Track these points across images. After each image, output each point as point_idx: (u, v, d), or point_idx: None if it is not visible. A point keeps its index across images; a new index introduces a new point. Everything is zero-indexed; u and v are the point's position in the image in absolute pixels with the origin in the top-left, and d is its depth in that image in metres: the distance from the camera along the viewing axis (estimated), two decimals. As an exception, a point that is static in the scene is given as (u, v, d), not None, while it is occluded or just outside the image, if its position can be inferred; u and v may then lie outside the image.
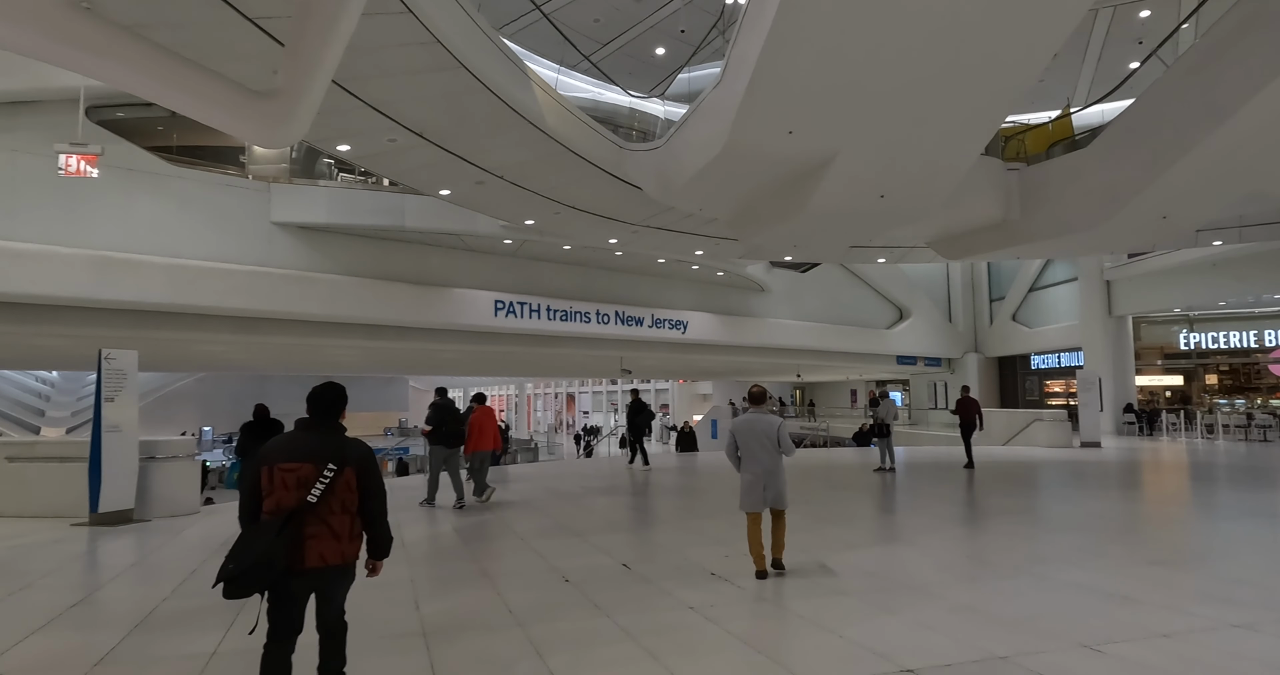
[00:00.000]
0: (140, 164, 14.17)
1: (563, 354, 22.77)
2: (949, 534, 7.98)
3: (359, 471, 3.39)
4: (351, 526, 3.38)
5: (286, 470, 3.30)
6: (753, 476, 6.17)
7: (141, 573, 6.73)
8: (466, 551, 7.26)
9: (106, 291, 13.27)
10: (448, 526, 8.62)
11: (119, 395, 9.33)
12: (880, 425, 14.42)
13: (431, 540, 7.92)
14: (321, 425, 3.49)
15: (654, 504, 10.48)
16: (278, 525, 3.20)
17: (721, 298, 25.01)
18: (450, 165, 11.70)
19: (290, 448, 3.38)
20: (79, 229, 13.33)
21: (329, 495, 3.29)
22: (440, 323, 18.10)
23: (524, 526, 8.53)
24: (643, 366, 29.17)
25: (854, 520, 9.02)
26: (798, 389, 49.03)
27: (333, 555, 3.30)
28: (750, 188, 11.97)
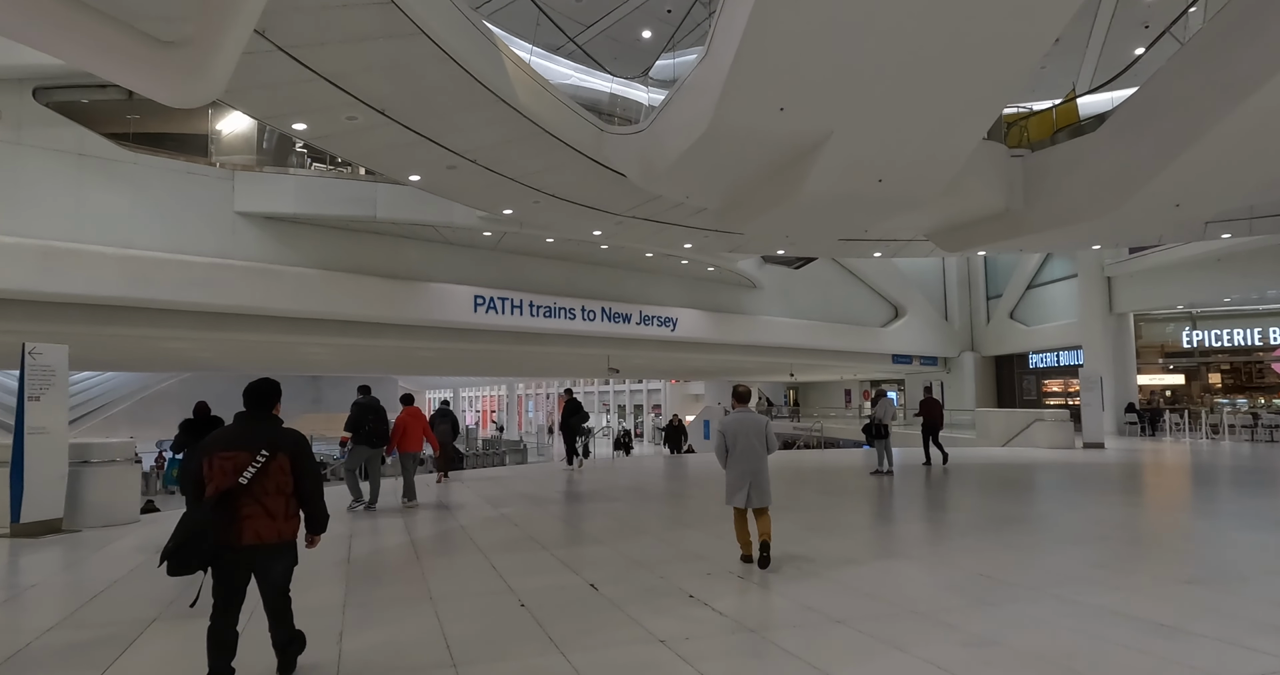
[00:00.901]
0: (91, 149, 13.32)
1: (547, 352, 21.97)
2: (955, 546, 7.22)
3: (292, 456, 3.68)
4: (287, 506, 3.65)
5: (224, 458, 3.59)
6: (739, 473, 6.39)
7: (40, 595, 5.91)
8: (416, 569, 6.45)
9: (52, 284, 12.41)
10: (403, 538, 7.81)
11: (46, 394, 8.49)
12: (878, 426, 13.68)
13: (380, 554, 7.11)
14: (256, 416, 3.80)
15: (636, 511, 9.70)
16: (210, 504, 3.46)
17: (712, 294, 24.24)
18: (418, 147, 10.89)
19: (227, 438, 3.69)
20: (22, 218, 12.47)
21: (262, 477, 3.57)
22: (416, 319, 17.27)
23: (488, 538, 7.73)
24: (631, 365, 28.38)
25: (850, 530, 8.25)
26: (791, 389, 48.30)
27: (268, 533, 3.58)
28: (739, 172, 11.21)
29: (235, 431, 3.72)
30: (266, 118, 9.69)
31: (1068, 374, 29.45)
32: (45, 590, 6.05)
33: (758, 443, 6.38)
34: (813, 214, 12.44)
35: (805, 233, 14.73)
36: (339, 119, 9.77)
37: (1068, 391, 29.69)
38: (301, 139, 10.65)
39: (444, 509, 9.97)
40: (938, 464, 14.91)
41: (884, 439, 13.67)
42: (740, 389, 6.71)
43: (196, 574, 3.49)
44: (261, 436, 3.66)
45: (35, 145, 12.80)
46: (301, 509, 3.77)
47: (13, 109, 12.67)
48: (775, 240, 16.75)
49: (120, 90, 14.31)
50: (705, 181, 11.85)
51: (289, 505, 3.67)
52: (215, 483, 3.56)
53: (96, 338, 15.39)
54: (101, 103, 14.08)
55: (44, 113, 13.00)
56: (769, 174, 11.14)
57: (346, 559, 6.72)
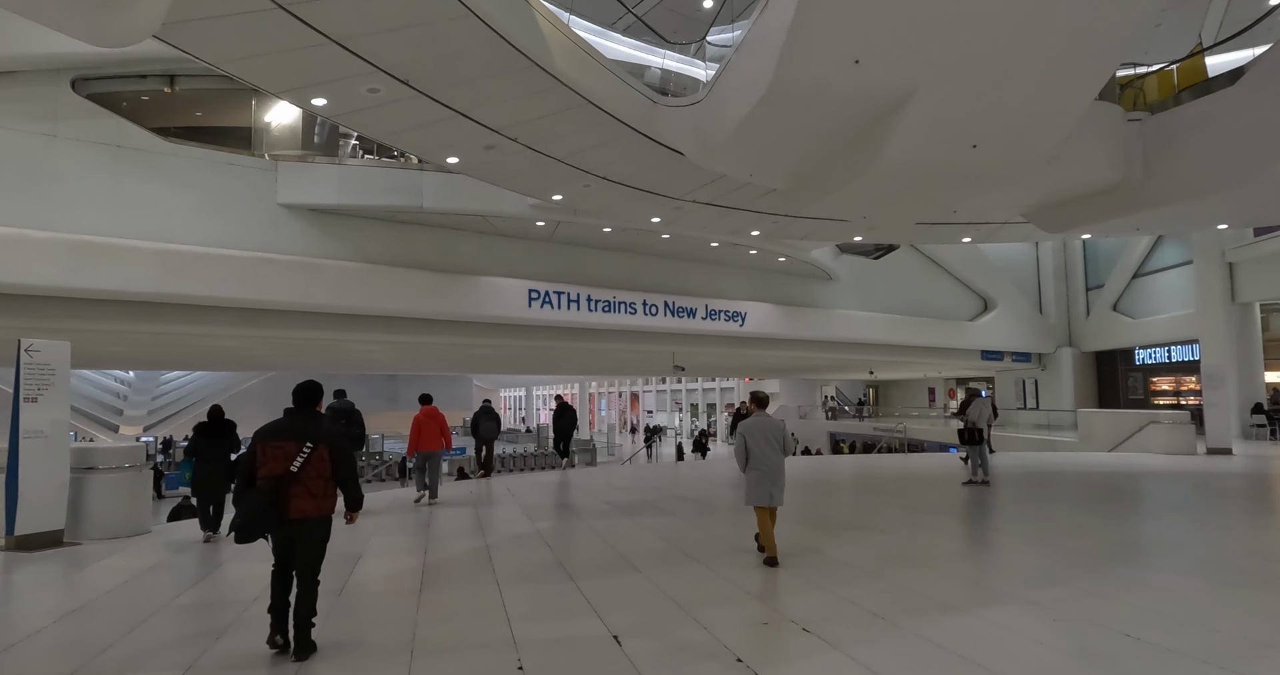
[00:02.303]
0: (130, 141, 12.88)
1: (607, 349, 20.92)
2: (1082, 587, 5.74)
3: (330, 448, 4.40)
4: (325, 488, 4.38)
5: (275, 447, 4.33)
6: (760, 474, 6.63)
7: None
8: (408, 606, 5.39)
9: (85, 279, 11.99)
10: (414, 561, 6.79)
11: (45, 394, 7.83)
12: (971, 430, 12.07)
13: (379, 584, 6.09)
14: (302, 412, 4.52)
15: (690, 530, 8.47)
16: (269, 488, 4.23)
17: (783, 287, 22.73)
18: (449, 124, 9.92)
19: (278, 430, 4.41)
20: (58, 212, 12.10)
21: (307, 465, 4.29)
22: (467, 314, 16.42)
23: (509, 563, 6.64)
24: (697, 362, 27.10)
25: (942, 560, 6.83)
26: (870, 387, 46.12)
27: (310, 509, 4.32)
28: (807, 142, 9.86)
29: (285, 425, 4.47)
30: (281, 91, 8.84)
31: (1180, 371, 26.76)
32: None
33: (776, 444, 6.67)
34: (893, 190, 10.98)
35: (884, 213, 13.20)
36: (359, 92, 8.86)
37: (1180, 390, 26.98)
38: (324, 116, 9.82)
39: (474, 521, 8.97)
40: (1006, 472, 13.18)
41: (978, 445, 12.06)
42: (759, 395, 7.08)
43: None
44: (307, 430, 4.41)
45: (72, 138, 12.43)
46: (340, 490, 4.54)
47: (50, 100, 12.30)
48: (850, 226, 15.24)
49: (160, 81, 13.93)
50: (769, 155, 10.55)
51: (327, 487, 4.42)
52: (268, 468, 4.31)
53: (136, 335, 15.09)
54: (141, 93, 13.65)
55: (82, 104, 12.62)
56: (841, 143, 9.77)
57: (339, 590, 5.72)
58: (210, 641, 4.63)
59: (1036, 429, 27.00)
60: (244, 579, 6.24)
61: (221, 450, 8.34)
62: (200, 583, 6.16)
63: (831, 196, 11.58)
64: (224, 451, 8.36)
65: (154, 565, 6.78)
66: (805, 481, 13.34)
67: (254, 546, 6.62)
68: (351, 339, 16.29)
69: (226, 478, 8.23)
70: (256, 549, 6.55)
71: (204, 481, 8.27)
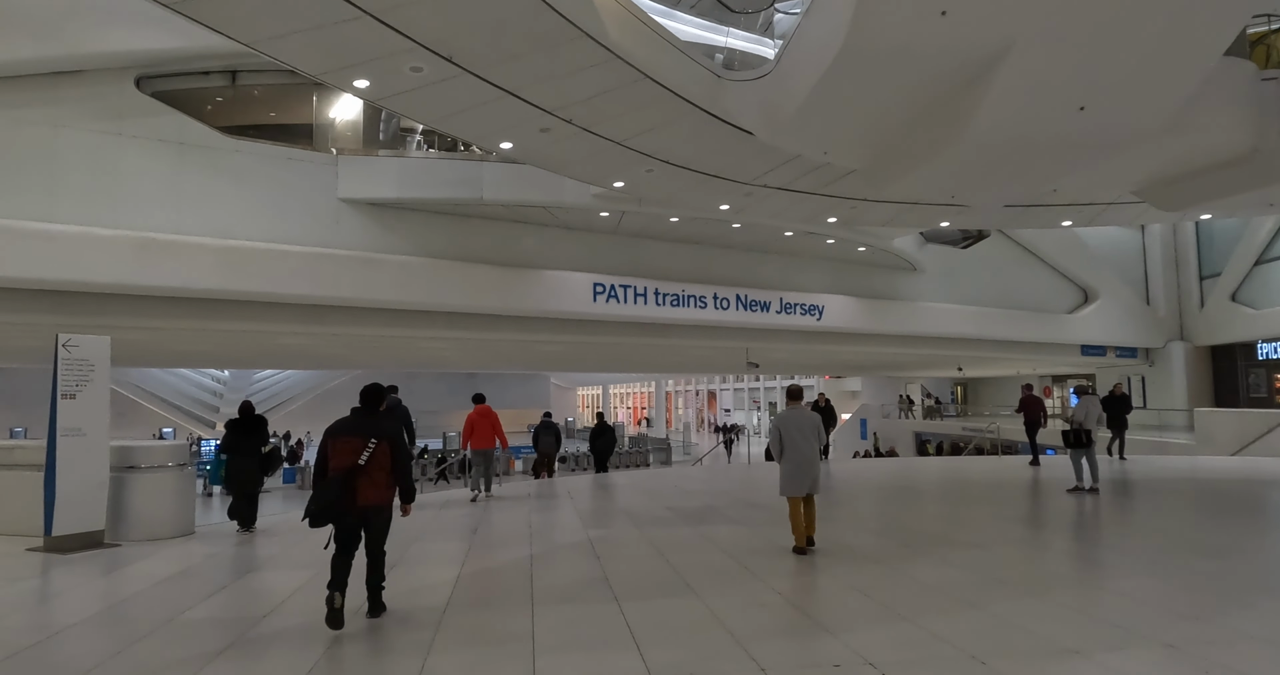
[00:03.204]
0: (192, 138, 12.85)
1: (676, 345, 20.14)
2: (1229, 626, 4.70)
3: (391, 444, 4.94)
4: (386, 480, 4.94)
5: (344, 442, 4.88)
6: (794, 465, 6.81)
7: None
8: (422, 635, 4.79)
9: (148, 277, 11.97)
10: (449, 573, 6.22)
11: (83, 390, 7.62)
12: (1078, 431, 10.84)
13: (396, 602, 5.52)
14: (367, 411, 5.09)
15: (755, 542, 7.67)
16: (341, 479, 4.75)
17: (864, 278, 21.50)
18: (500, 106, 9.36)
19: (346, 427, 4.97)
20: (122, 210, 12.13)
21: (371, 459, 4.82)
22: (530, 309, 15.94)
23: (549, 580, 6.00)
24: (772, 359, 26.04)
25: (1051, 586, 5.84)
26: (958, 385, 43.94)
27: (375, 498, 4.87)
28: (887, 111, 8.91)
29: (352, 423, 4.96)
30: (321, 73, 8.43)
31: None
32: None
33: (810, 436, 6.87)
34: (985, 165, 9.91)
35: (974, 193, 12.04)
36: (402, 71, 8.37)
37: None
38: (369, 100, 9.41)
39: (524, 526, 8.38)
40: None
41: (1086, 447, 10.83)
42: (793, 388, 7.35)
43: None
44: (371, 427, 4.91)
45: (136, 135, 12.45)
46: (396, 483, 4.99)
47: (115, 99, 12.35)
48: (936, 210, 14.07)
49: (223, 78, 13.90)
50: (845, 128, 9.64)
51: (387, 479, 4.90)
52: (338, 460, 4.80)
53: (203, 333, 15.17)
54: (204, 91, 13.65)
55: (146, 102, 12.64)
56: (926, 111, 8.78)
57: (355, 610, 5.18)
58: (194, 669, 4.12)
59: (1144, 430, 24.90)
60: (263, 590, 5.80)
61: (254, 445, 8.45)
62: (216, 594, 5.73)
63: (915, 175, 10.59)
64: (256, 446, 8.47)
65: (179, 572, 6.42)
66: (886, 486, 12.32)
67: (287, 555, 6.27)
68: (414, 336, 16.03)
69: (260, 471, 8.47)
70: (289, 557, 6.19)
71: (238, 476, 8.35)
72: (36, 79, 11.81)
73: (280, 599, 5.52)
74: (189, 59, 12.99)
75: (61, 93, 11.99)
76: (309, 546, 7.58)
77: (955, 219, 15.50)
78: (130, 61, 12.46)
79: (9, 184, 11.51)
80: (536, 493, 11.75)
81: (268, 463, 8.65)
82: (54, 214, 11.65)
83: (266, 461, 8.62)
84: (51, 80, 11.93)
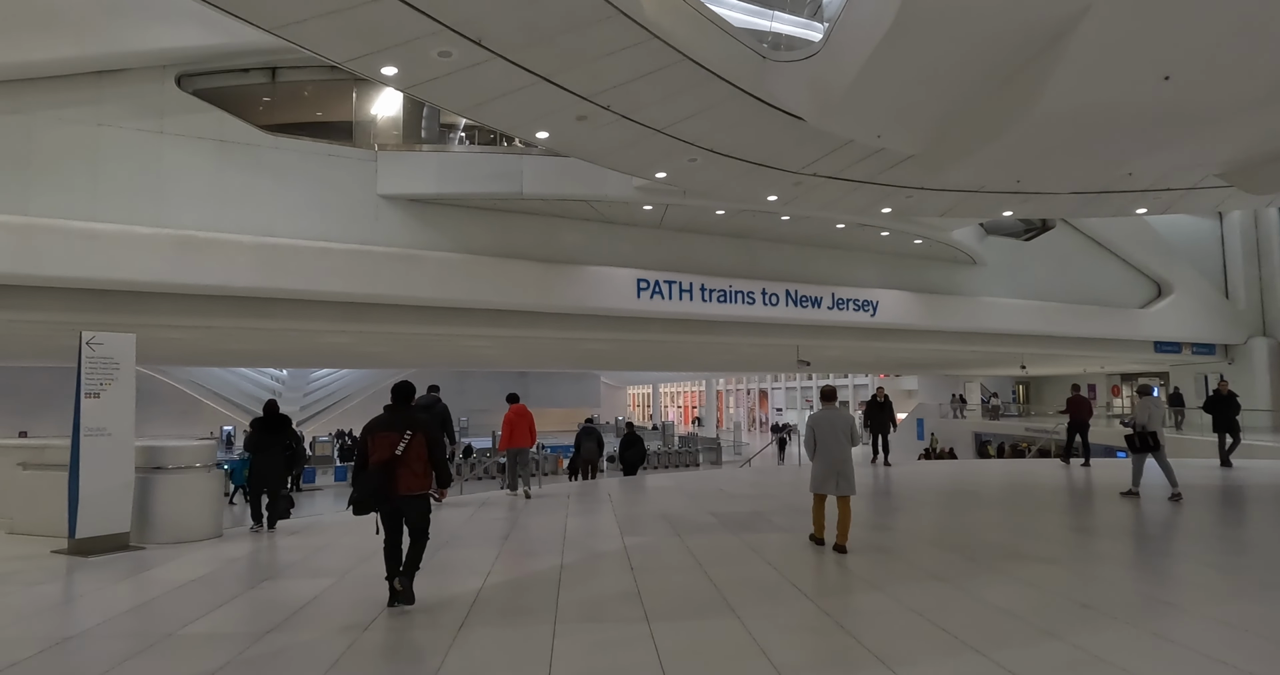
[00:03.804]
0: (232, 135, 12.78)
1: (724, 343, 19.56)
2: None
3: (425, 436, 5.27)
4: (424, 469, 5.26)
5: (382, 437, 5.20)
6: (826, 465, 6.92)
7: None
8: (431, 655, 4.37)
9: (188, 275, 11.93)
10: (471, 584, 5.80)
11: (108, 389, 7.43)
12: (1142, 433, 10.01)
13: (412, 616, 5.11)
14: (399, 408, 5.42)
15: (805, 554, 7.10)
16: (380, 470, 5.08)
17: (920, 272, 20.61)
18: (533, 92, 8.97)
19: (383, 423, 5.29)
20: (163, 207, 12.11)
21: (408, 450, 5.14)
22: (572, 306, 15.57)
23: (575, 594, 5.54)
24: (824, 357, 25.25)
25: (1142, 612, 5.16)
26: (1020, 384, 42.34)
27: (413, 486, 5.19)
28: (945, 86, 8.25)
29: (387, 419, 5.29)
30: (347, 61, 8.13)
31: None
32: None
33: (844, 437, 6.95)
34: (1054, 145, 9.16)
35: (1042, 178, 11.26)
36: (430, 56, 8.02)
37: None
38: (398, 88, 9.09)
39: (559, 532, 7.95)
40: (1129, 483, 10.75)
41: (1154, 451, 10.01)
42: (826, 389, 7.46)
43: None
44: (405, 421, 5.25)
45: (177, 133, 12.43)
46: (433, 471, 5.32)
47: (156, 97, 12.34)
48: (998, 199, 13.24)
49: (263, 74, 13.82)
50: (899, 108, 8.99)
51: (425, 468, 5.25)
52: (377, 454, 5.14)
53: (240, 331, 15.15)
54: (244, 88, 13.58)
55: (186, 100, 12.62)
56: (988, 85, 8.10)
57: (365, 625, 4.79)
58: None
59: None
60: (275, 602, 5.46)
61: (278, 443, 8.46)
62: (226, 604, 5.41)
63: (977, 158, 9.88)
64: (280, 444, 8.48)
65: (196, 578, 6.14)
66: (944, 490, 11.59)
67: (308, 561, 6.56)
68: (454, 334, 15.80)
69: (285, 469, 8.50)
70: (310, 563, 6.47)
71: (262, 473, 8.35)
72: (80, 78, 11.87)
73: (291, 609, 5.18)
74: (228, 56, 12.94)
75: (104, 92, 12.01)
76: (333, 551, 7.28)
77: (1019, 207, 14.60)
78: (170, 59, 12.45)
79: (54, 183, 11.57)
80: (577, 494, 11.35)
81: (292, 461, 8.64)
82: (97, 213, 11.67)
83: (293, 458, 8.61)
84: (95, 79, 11.97)
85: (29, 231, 11.05)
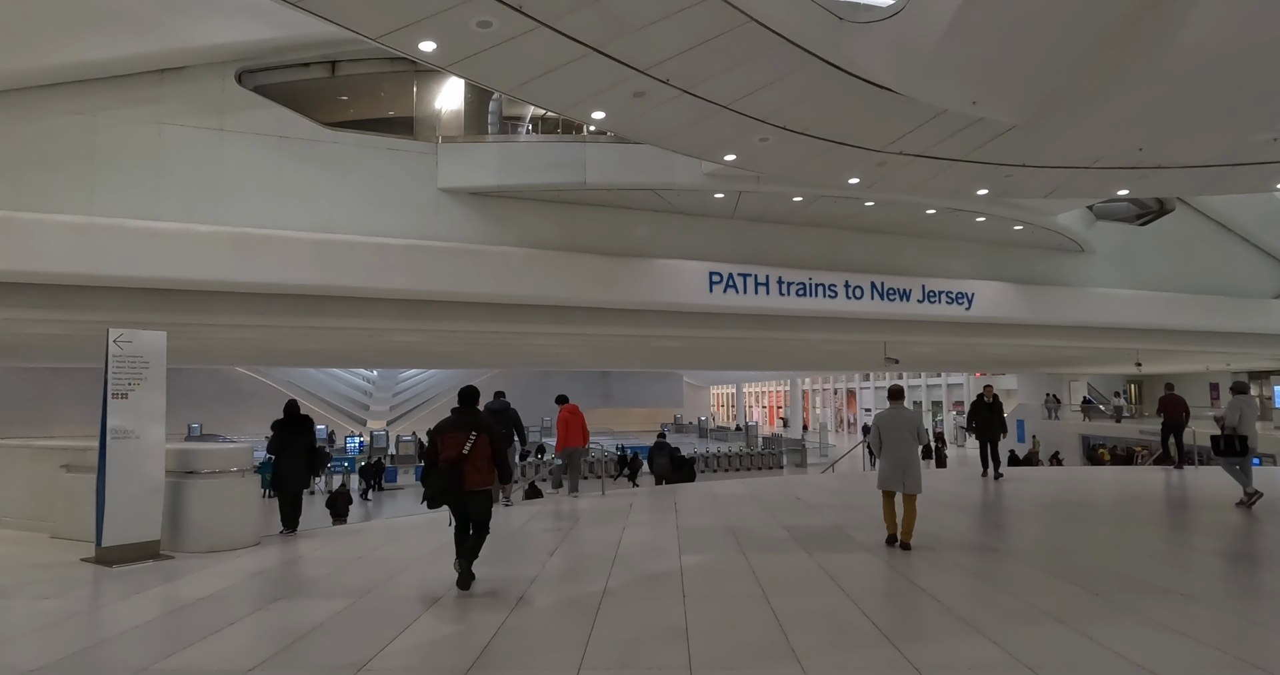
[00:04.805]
0: (292, 130, 12.55)
1: (804, 340, 18.43)
2: None
3: (489, 436, 5.84)
4: (487, 466, 5.83)
5: (450, 437, 5.79)
6: (892, 463, 7.19)
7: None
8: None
9: (245, 273, 11.70)
10: (488, 619, 5.07)
11: (136, 390, 7.06)
12: (1230, 437, 8.88)
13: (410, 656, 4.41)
14: (465, 409, 6.03)
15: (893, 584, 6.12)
16: (448, 468, 5.67)
17: (1021, 262, 18.94)
18: (584, 65, 8.22)
19: (451, 425, 5.89)
20: (223, 205, 11.95)
21: (474, 449, 5.71)
22: (640, 302, 14.77)
23: (613, 631, 4.74)
24: (914, 355, 23.67)
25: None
26: (1131, 383, 39.29)
27: (479, 482, 5.78)
28: (1053, 35, 7.08)
29: (455, 420, 5.95)
30: (381, 36, 7.56)
31: None
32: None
33: (909, 436, 7.14)
34: (1189, 101, 7.83)
35: (1170, 145, 9.83)
36: (469, 27, 7.36)
37: None
38: (439, 66, 8.47)
39: (610, 548, 7.17)
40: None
41: (1241, 456, 8.78)
42: (894, 388, 7.73)
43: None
44: (470, 423, 5.88)
45: (237, 130, 12.26)
46: (495, 468, 5.92)
47: (216, 95, 12.20)
48: (1113, 175, 11.73)
49: (323, 69, 13.59)
50: (999, 67, 7.86)
51: (488, 465, 5.86)
52: (446, 453, 5.75)
53: (299, 330, 14.97)
54: (304, 83, 13.36)
55: (247, 97, 12.45)
56: (1106, 32, 6.89)
57: (359, 666, 4.11)
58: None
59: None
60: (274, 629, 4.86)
61: (300, 443, 8.18)
62: (218, 633, 4.84)
63: (1090, 124, 8.67)
64: (302, 444, 8.20)
65: (204, 597, 5.63)
66: (1051, 503, 10.28)
67: (332, 578, 6.27)
68: (516, 331, 15.22)
69: (308, 469, 8.27)
70: (333, 581, 6.17)
71: (286, 474, 8.09)
72: (143, 77, 11.80)
73: (287, 640, 4.57)
74: (287, 49, 12.72)
75: (166, 90, 11.93)
76: (364, 565, 6.72)
77: (1137, 185, 12.98)
78: (229, 55, 12.28)
79: (118, 183, 11.53)
80: (641, 501, 10.57)
81: (315, 462, 8.32)
82: (158, 211, 11.58)
83: (315, 459, 8.30)
84: (157, 78, 11.89)
85: (90, 231, 11.01)
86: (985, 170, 11.60)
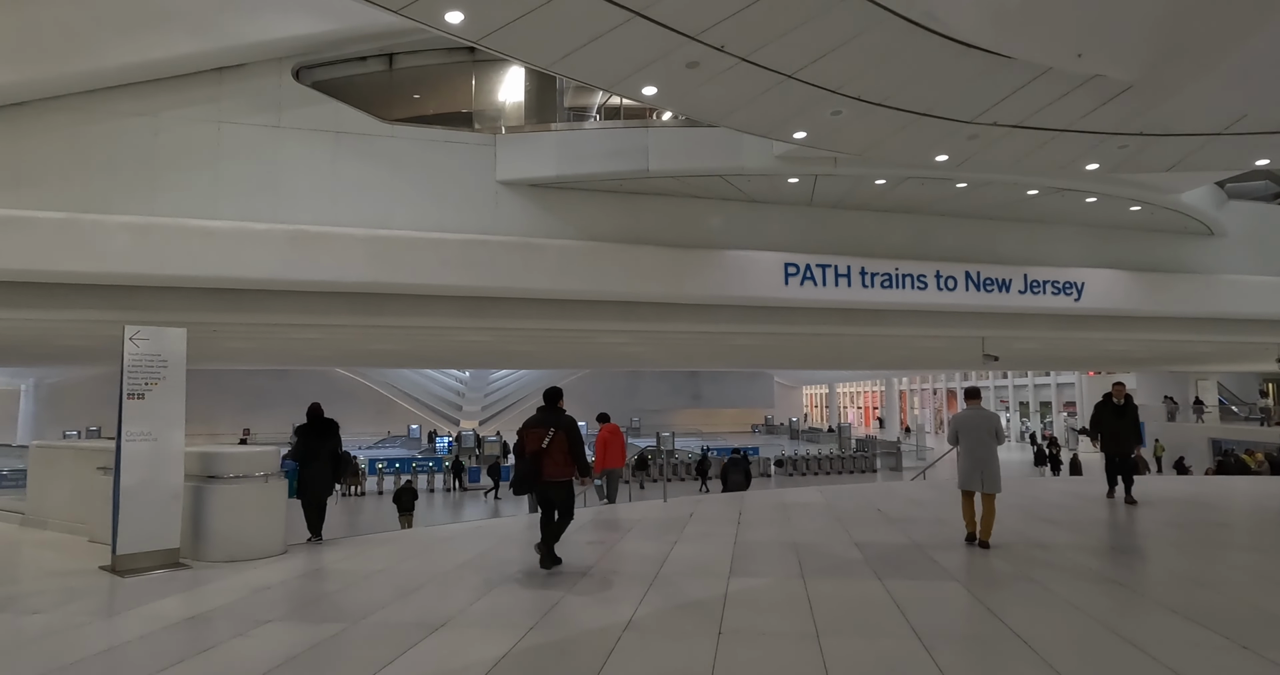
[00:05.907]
0: (348, 126, 12.31)
1: (892, 336, 17.12)
2: None
3: (567, 432, 6.44)
4: (565, 459, 6.43)
5: (533, 432, 6.42)
6: (971, 463, 7.36)
7: None
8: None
9: (299, 271, 11.50)
10: (492, 651, 4.36)
11: (153, 390, 6.73)
12: None
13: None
14: (549, 408, 6.62)
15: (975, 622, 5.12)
16: (531, 460, 6.37)
17: (1138, 246, 17.04)
18: (627, 32, 7.46)
19: (534, 421, 6.51)
20: (280, 203, 11.81)
21: (553, 444, 6.35)
22: (710, 296, 13.90)
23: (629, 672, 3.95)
24: (1015, 351, 21.84)
25: None
26: (1269, 382, 35.68)
27: (557, 473, 6.40)
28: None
29: (539, 418, 6.55)
30: (403, 8, 7.03)
31: None
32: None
33: (988, 436, 7.35)
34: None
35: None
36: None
37: None
38: (469, 38, 7.84)
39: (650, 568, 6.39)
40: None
41: None
42: (971, 389, 8.06)
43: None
44: (551, 420, 6.47)
45: (294, 127, 12.11)
46: (574, 462, 6.48)
47: (274, 92, 12.09)
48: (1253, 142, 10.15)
49: (380, 62, 13.33)
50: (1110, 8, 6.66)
51: (566, 459, 6.43)
52: (530, 446, 6.39)
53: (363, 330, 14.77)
54: (362, 78, 13.12)
55: (304, 93, 12.30)
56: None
57: None
58: None
59: None
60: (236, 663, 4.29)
61: (325, 449, 7.77)
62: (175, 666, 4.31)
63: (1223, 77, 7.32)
64: (328, 450, 7.80)
65: (189, 618, 5.15)
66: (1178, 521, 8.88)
67: (336, 599, 5.79)
68: (583, 328, 14.62)
69: (332, 476, 7.91)
70: (334, 602, 5.67)
71: (311, 480, 7.70)
72: (201, 76, 11.80)
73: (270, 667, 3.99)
74: (343, 42, 12.51)
75: (224, 88, 11.89)
76: (381, 580, 6.19)
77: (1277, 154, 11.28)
78: (286, 50, 12.16)
79: (178, 182, 11.55)
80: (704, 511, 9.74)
81: (339, 468, 7.89)
82: (216, 210, 11.53)
83: (339, 464, 7.87)
84: (215, 76, 11.86)
85: (150, 231, 11.03)
86: (1095, 141, 10.21)
